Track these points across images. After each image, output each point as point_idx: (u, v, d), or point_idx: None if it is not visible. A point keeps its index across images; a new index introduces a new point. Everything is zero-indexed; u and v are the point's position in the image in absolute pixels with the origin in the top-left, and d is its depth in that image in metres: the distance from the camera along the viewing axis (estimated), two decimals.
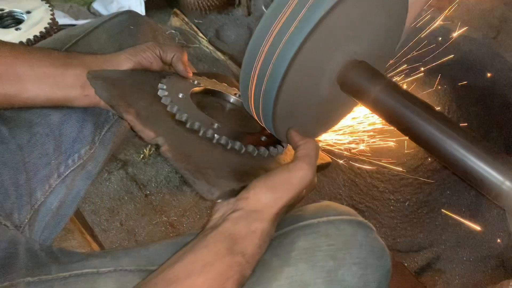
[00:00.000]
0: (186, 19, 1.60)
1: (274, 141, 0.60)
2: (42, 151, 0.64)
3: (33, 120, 0.64)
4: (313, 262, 0.50)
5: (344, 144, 1.10)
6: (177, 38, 1.57)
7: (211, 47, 1.54)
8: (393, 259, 1.08)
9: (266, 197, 0.48)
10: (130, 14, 0.79)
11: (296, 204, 0.52)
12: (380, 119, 0.55)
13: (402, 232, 1.09)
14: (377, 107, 0.54)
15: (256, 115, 0.57)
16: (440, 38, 1.26)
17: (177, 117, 0.56)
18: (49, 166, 0.65)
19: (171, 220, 1.17)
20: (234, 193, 0.49)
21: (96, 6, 1.62)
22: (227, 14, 1.68)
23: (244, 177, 0.52)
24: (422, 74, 1.26)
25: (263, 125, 0.58)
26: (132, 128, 0.55)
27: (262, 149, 0.57)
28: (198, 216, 1.18)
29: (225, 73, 1.49)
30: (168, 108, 0.57)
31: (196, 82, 0.68)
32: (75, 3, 1.64)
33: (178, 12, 1.62)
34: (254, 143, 0.58)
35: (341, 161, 1.15)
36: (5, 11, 0.99)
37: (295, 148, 0.53)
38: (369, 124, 1.11)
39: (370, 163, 1.14)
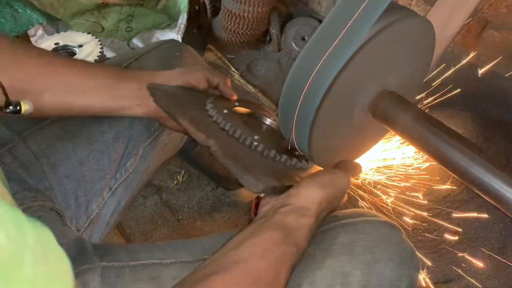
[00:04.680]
0: (219, 54, 1.69)
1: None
2: (99, 166, 0.70)
3: (92, 137, 0.70)
4: (353, 255, 0.55)
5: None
6: None
7: (242, 81, 1.61)
8: None
9: (314, 195, 0.53)
10: (176, 42, 0.87)
11: (333, 209, 0.58)
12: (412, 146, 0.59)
13: (431, 263, 1.09)
14: (407, 134, 0.58)
15: (294, 140, 0.61)
16: (467, 73, 1.29)
17: (221, 125, 0.64)
18: (103, 180, 0.71)
19: None
20: (275, 190, 0.55)
21: (135, 41, 1.72)
22: (258, 50, 1.75)
23: (282, 178, 0.58)
24: (450, 108, 1.28)
25: (301, 151, 0.62)
26: (185, 132, 0.63)
27: (294, 160, 0.63)
28: None
29: None
30: (214, 118, 0.65)
31: (237, 104, 0.76)
32: (116, 38, 1.75)
33: (212, 48, 1.71)
34: (289, 155, 0.63)
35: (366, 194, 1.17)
36: (60, 45, 1.09)
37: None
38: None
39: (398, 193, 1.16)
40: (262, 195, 0.56)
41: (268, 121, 0.77)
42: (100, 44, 1.11)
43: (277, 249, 0.49)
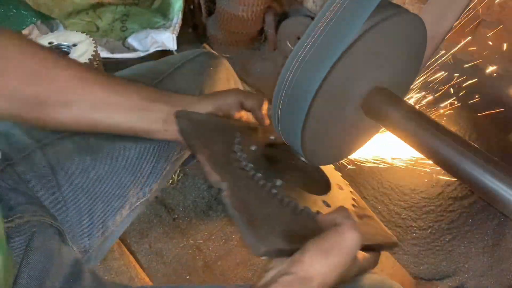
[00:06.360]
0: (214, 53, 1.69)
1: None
2: (119, 183, 0.67)
3: (114, 153, 0.68)
4: None
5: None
6: None
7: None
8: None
9: (320, 264, 0.46)
10: (210, 55, 0.84)
11: (348, 276, 0.50)
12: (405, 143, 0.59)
13: (425, 260, 1.10)
14: (400, 130, 0.59)
15: (286, 138, 0.62)
16: (459, 73, 1.29)
17: (242, 165, 0.58)
18: (122, 198, 0.68)
19: (198, 244, 1.20)
20: (282, 253, 0.48)
21: (130, 41, 1.71)
22: (253, 49, 1.76)
23: (295, 238, 0.50)
24: (443, 105, 1.29)
25: (293, 147, 0.62)
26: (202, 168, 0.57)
27: (320, 214, 0.55)
28: (223, 240, 1.21)
29: None
30: (238, 155, 0.60)
31: (273, 137, 0.69)
32: (111, 38, 1.74)
33: (207, 47, 1.71)
34: (313, 206, 0.57)
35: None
36: (53, 44, 1.09)
37: (330, 223, 0.51)
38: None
39: (392, 189, 1.17)
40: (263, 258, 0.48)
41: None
42: (94, 43, 1.11)
43: None
